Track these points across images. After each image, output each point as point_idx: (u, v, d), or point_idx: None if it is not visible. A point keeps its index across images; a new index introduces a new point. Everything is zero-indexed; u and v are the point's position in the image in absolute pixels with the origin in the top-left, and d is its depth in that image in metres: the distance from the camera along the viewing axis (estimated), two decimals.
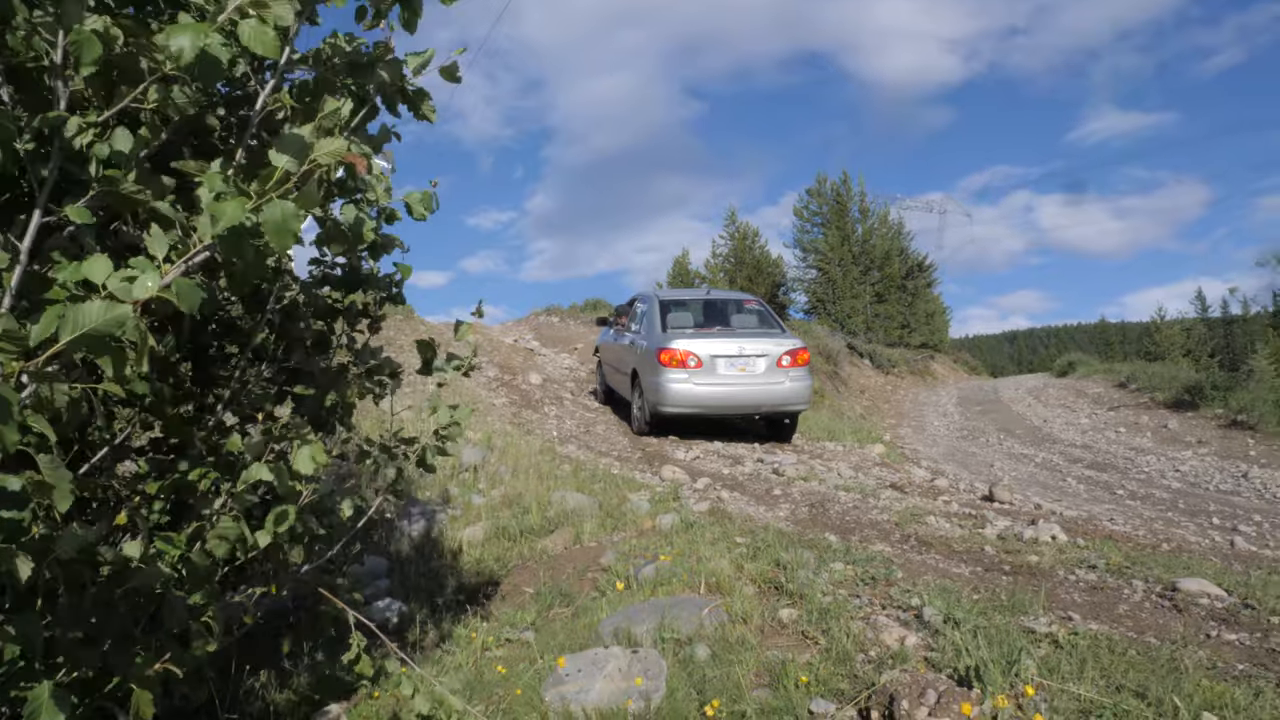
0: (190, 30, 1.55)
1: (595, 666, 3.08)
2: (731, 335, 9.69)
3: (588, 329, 17.87)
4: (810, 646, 3.24)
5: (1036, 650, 2.98)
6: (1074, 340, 71.09)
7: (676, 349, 9.19)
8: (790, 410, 9.64)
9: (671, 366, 9.12)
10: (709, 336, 9.55)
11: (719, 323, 10.38)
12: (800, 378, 9.40)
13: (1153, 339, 37.19)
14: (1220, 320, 36.04)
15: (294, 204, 1.59)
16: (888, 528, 5.34)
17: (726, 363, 9.20)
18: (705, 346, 9.25)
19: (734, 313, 10.67)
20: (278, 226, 1.58)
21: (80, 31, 1.52)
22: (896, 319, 32.35)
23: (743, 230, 34.39)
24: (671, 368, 9.12)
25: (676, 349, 9.19)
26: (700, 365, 9.13)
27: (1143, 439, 12.31)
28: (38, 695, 1.48)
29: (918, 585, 3.84)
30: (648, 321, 10.20)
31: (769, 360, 9.29)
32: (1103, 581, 4.11)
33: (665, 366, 9.14)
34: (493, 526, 5.44)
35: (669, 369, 9.13)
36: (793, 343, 9.64)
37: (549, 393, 12.34)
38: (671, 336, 9.46)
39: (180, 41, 1.55)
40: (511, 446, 7.66)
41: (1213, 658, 3.01)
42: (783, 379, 9.29)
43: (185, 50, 1.54)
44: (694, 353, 9.15)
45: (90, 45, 1.49)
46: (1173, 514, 6.94)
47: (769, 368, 9.28)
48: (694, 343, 9.29)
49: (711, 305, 10.91)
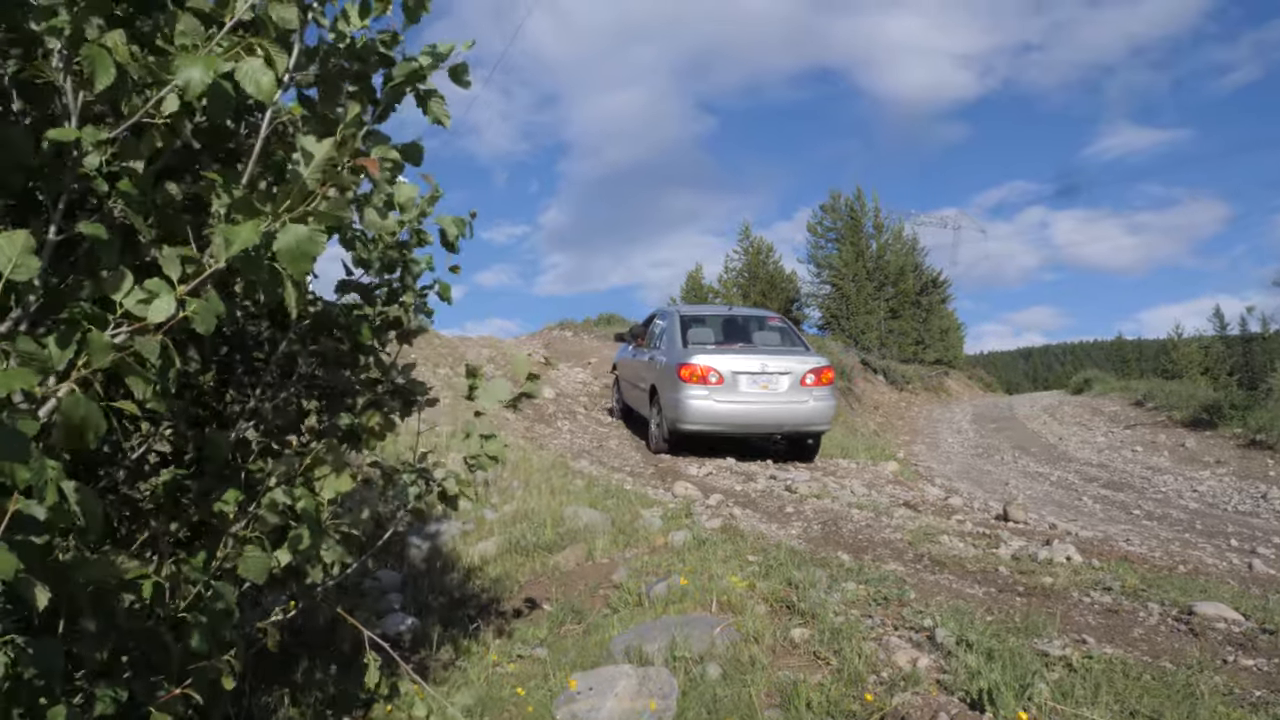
0: (200, 63, 1.54)
1: (607, 685, 3.08)
2: (754, 352, 9.50)
3: (601, 343, 17.91)
4: (822, 667, 3.23)
5: (1050, 674, 2.96)
6: (1090, 357, 70.63)
7: (697, 364, 8.98)
8: (813, 430, 9.45)
9: (692, 382, 8.90)
10: (731, 352, 9.34)
11: (741, 339, 10.15)
12: (824, 397, 9.22)
13: (1170, 357, 36.91)
14: (1239, 338, 35.71)
15: (309, 227, 1.56)
16: (901, 547, 5.32)
17: (749, 380, 9.00)
18: (727, 362, 9.04)
19: (756, 329, 10.47)
20: (293, 252, 1.55)
21: (92, 48, 1.50)
22: (911, 335, 32.28)
23: (757, 245, 34.51)
24: (692, 384, 8.90)
25: (697, 364, 8.98)
26: (721, 382, 8.91)
27: (1160, 458, 12.20)
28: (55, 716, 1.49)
29: (930, 606, 3.82)
30: (668, 337, 10.00)
31: (793, 378, 9.09)
32: (1118, 604, 4.08)
33: (685, 382, 8.92)
34: (505, 541, 5.45)
35: (689, 385, 8.90)
36: (817, 361, 9.46)
37: (562, 407, 12.37)
38: (692, 352, 9.25)
39: (190, 74, 1.54)
40: (524, 461, 7.68)
41: (1229, 683, 2.98)
42: (806, 398, 9.10)
43: (194, 82, 1.52)
44: (715, 368, 8.94)
45: (103, 62, 1.48)
46: (1190, 535, 6.87)
47: (792, 386, 9.08)
48: (715, 358, 9.09)
49: (733, 321, 10.70)
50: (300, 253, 1.56)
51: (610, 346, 15.75)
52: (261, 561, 2.16)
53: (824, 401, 9.21)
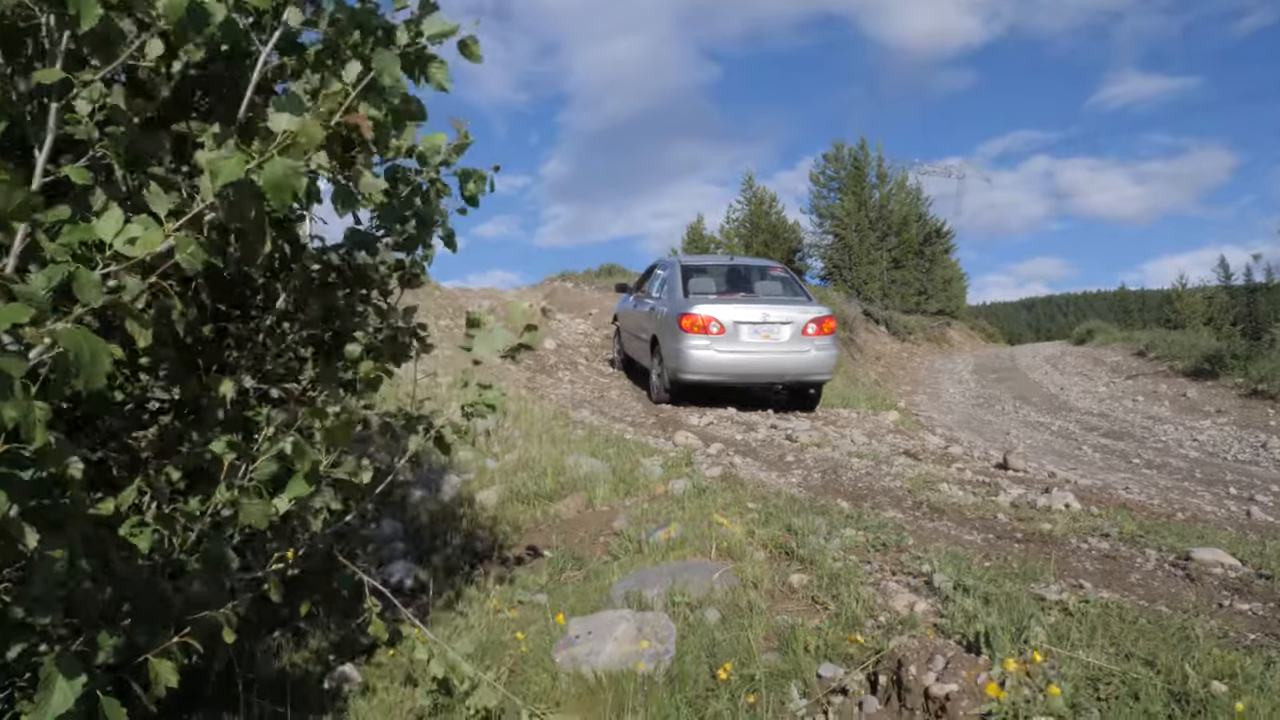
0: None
1: (606, 629, 3.11)
2: (756, 301, 9.50)
3: (603, 294, 17.82)
4: (820, 612, 3.25)
5: (1046, 617, 2.98)
6: (1093, 308, 70.30)
7: (698, 314, 8.96)
8: (815, 380, 9.48)
9: (693, 332, 8.88)
10: (732, 302, 9.35)
11: (743, 289, 10.11)
12: (826, 346, 9.21)
13: (1173, 307, 36.69)
14: (1243, 288, 35.39)
15: (291, 162, 1.56)
16: (900, 494, 5.34)
17: (750, 329, 8.99)
18: (728, 312, 9.03)
19: (758, 279, 10.40)
20: (277, 183, 1.57)
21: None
22: (913, 285, 32.06)
23: (759, 195, 34.09)
24: (693, 334, 8.88)
25: (698, 314, 8.96)
26: (723, 331, 8.89)
27: (1160, 408, 12.21)
28: (49, 665, 1.49)
29: (929, 552, 3.84)
30: (669, 287, 9.94)
31: (794, 328, 9.08)
32: (1115, 550, 4.10)
33: (686, 332, 8.90)
34: (506, 490, 5.48)
35: (690, 335, 8.89)
36: (819, 310, 9.45)
37: (563, 358, 12.36)
38: (693, 302, 9.23)
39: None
40: (525, 411, 7.69)
41: (1224, 627, 3.00)
42: (808, 347, 9.09)
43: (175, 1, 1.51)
44: (716, 318, 8.93)
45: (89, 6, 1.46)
46: (1189, 483, 6.89)
47: (794, 335, 9.07)
48: (717, 308, 9.08)
49: (735, 271, 10.64)
50: (284, 184, 1.58)
51: (611, 298, 15.65)
52: (261, 509, 2.15)
53: (825, 351, 9.20)
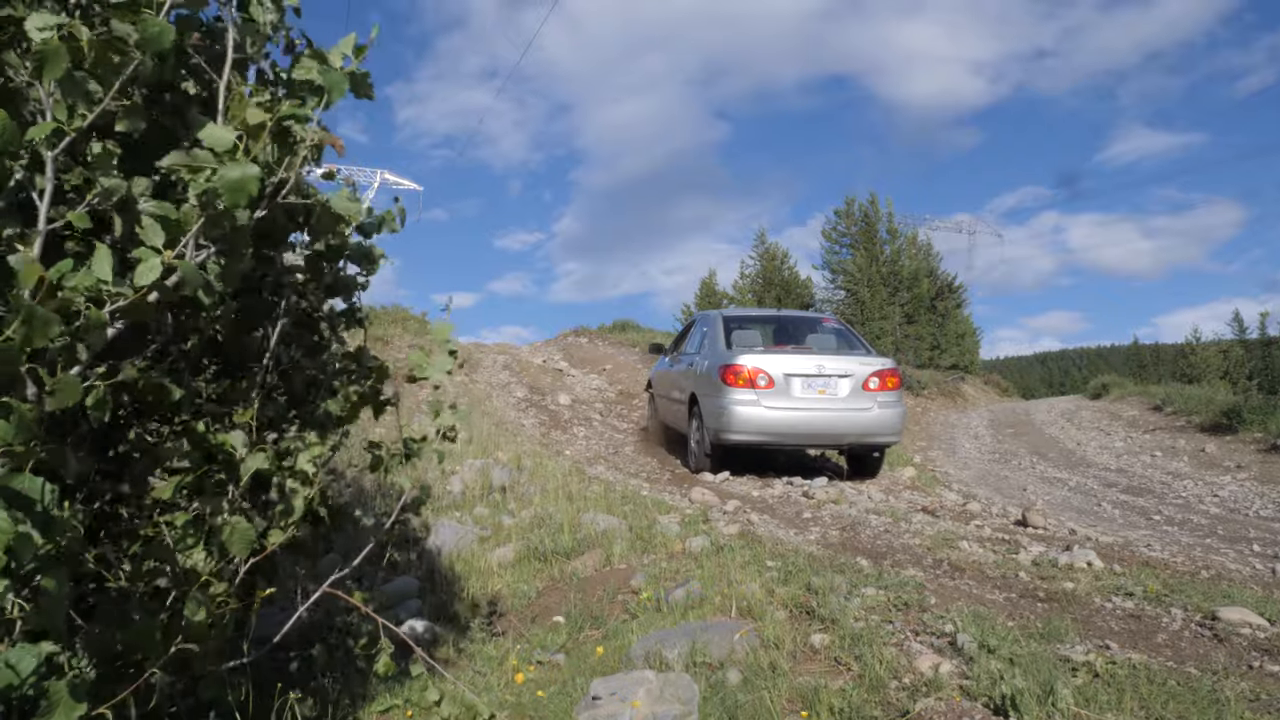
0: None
1: (628, 690, 3.08)
2: (809, 353, 8.34)
3: (616, 349, 17.94)
4: (843, 673, 3.22)
5: (1073, 679, 2.94)
6: (1107, 362, 69.89)
7: (744, 365, 7.85)
8: (880, 442, 8.29)
9: (737, 386, 7.76)
10: (783, 353, 8.29)
11: (792, 342, 9.06)
12: (891, 404, 8.03)
13: (1188, 361, 36.44)
14: (1259, 342, 35.16)
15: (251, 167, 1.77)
16: (919, 552, 5.30)
17: (804, 383, 7.85)
18: (778, 363, 7.92)
19: (810, 332, 9.26)
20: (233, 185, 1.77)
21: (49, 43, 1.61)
22: (926, 340, 32.11)
23: (772, 251, 34.41)
24: (737, 387, 7.76)
25: (744, 365, 7.85)
26: (772, 385, 7.76)
27: (1179, 463, 12.08)
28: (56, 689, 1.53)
29: (951, 611, 3.80)
30: (709, 340, 8.86)
31: (854, 381, 7.93)
32: (1140, 609, 4.05)
33: (730, 386, 7.78)
34: (523, 547, 5.47)
35: (734, 389, 7.77)
36: (882, 363, 8.24)
37: (578, 413, 12.39)
38: (738, 353, 8.10)
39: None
40: (540, 467, 7.70)
41: (1255, 689, 2.96)
42: (870, 404, 7.92)
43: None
44: (765, 370, 7.81)
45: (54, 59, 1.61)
46: (1212, 540, 6.80)
47: (854, 390, 7.92)
48: (764, 358, 7.97)
49: (783, 324, 9.65)
50: (239, 187, 1.78)
51: (626, 353, 15.76)
52: (247, 533, 2.18)
53: (891, 409, 8.03)
